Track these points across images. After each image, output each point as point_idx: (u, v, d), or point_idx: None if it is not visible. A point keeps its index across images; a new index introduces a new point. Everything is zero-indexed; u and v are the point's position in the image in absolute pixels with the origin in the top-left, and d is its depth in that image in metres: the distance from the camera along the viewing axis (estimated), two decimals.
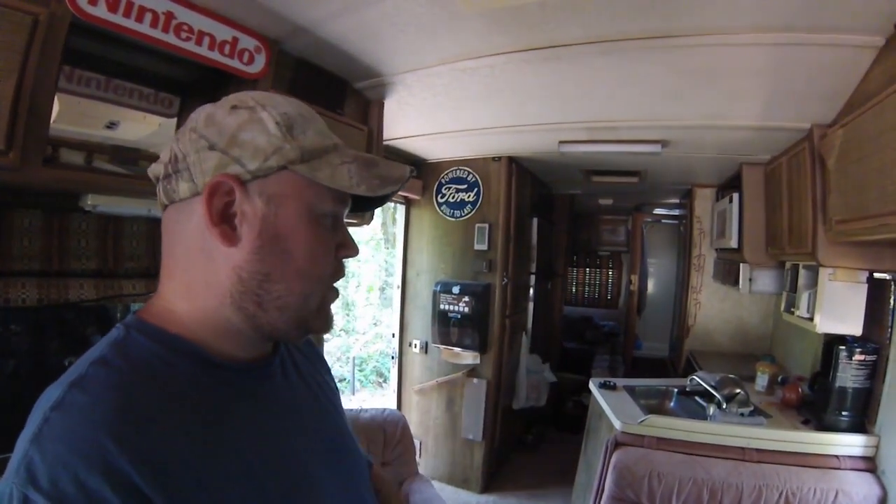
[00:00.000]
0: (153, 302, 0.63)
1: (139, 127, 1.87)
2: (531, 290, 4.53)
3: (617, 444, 2.30)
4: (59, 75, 1.32)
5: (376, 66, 2.18)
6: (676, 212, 5.73)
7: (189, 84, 1.91)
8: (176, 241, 0.63)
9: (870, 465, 2.07)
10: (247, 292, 0.60)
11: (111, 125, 1.78)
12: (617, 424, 2.35)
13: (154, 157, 1.84)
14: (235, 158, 0.58)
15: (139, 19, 1.43)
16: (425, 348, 3.86)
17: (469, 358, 3.65)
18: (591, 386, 2.86)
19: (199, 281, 0.61)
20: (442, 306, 3.66)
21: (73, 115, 1.62)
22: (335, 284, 0.67)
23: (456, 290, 3.61)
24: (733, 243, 3.15)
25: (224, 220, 0.59)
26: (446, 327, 3.65)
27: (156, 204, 1.58)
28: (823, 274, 2.17)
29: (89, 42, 1.47)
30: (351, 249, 0.67)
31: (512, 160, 3.64)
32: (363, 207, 0.72)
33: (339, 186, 0.61)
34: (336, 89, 2.28)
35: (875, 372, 2.11)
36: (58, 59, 1.27)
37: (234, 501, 0.55)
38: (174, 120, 1.93)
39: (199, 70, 1.77)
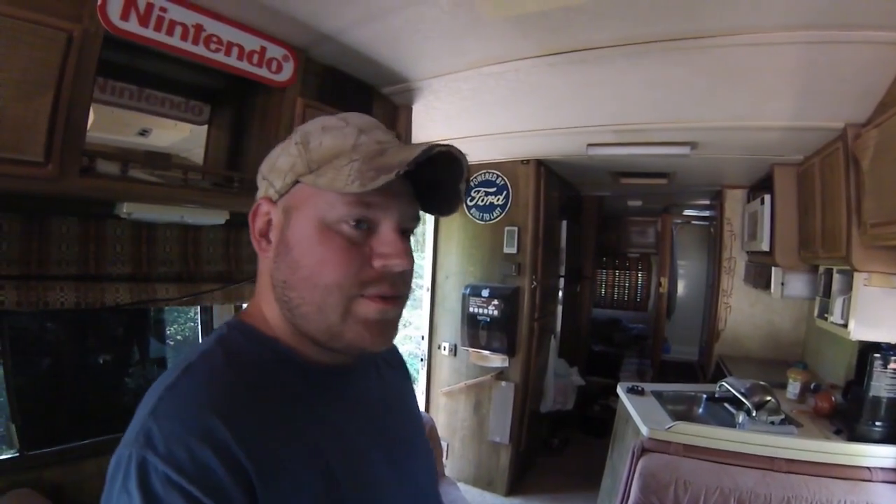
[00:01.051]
0: (251, 304, 0.72)
1: (170, 133, 1.94)
2: (559, 293, 4.50)
3: (643, 451, 2.27)
4: (94, 87, 1.38)
5: (402, 71, 2.21)
6: (706, 213, 5.60)
7: (219, 92, 1.97)
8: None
9: None
10: (279, 299, 0.66)
11: (143, 132, 1.85)
12: (644, 430, 2.32)
13: (186, 162, 1.92)
14: (270, 183, 0.67)
15: (170, 32, 1.48)
16: (454, 351, 3.87)
17: (497, 361, 3.64)
18: (619, 391, 2.83)
19: (264, 288, 0.69)
20: (471, 309, 3.66)
21: (107, 124, 1.69)
22: (386, 295, 0.64)
23: (485, 293, 3.61)
24: (765, 246, 3.08)
25: (263, 235, 0.68)
26: (475, 330, 3.65)
27: (189, 212, 1.65)
28: (858, 279, 2.11)
29: (122, 54, 1.54)
30: (388, 259, 0.63)
31: (540, 163, 3.62)
32: (445, 206, 0.70)
33: (335, 188, 0.61)
34: (363, 95, 2.31)
35: None
36: (92, 73, 1.33)
37: (307, 486, 0.59)
38: (205, 127, 1.99)
39: (228, 78, 1.83)
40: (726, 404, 2.55)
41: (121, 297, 1.60)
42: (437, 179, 0.66)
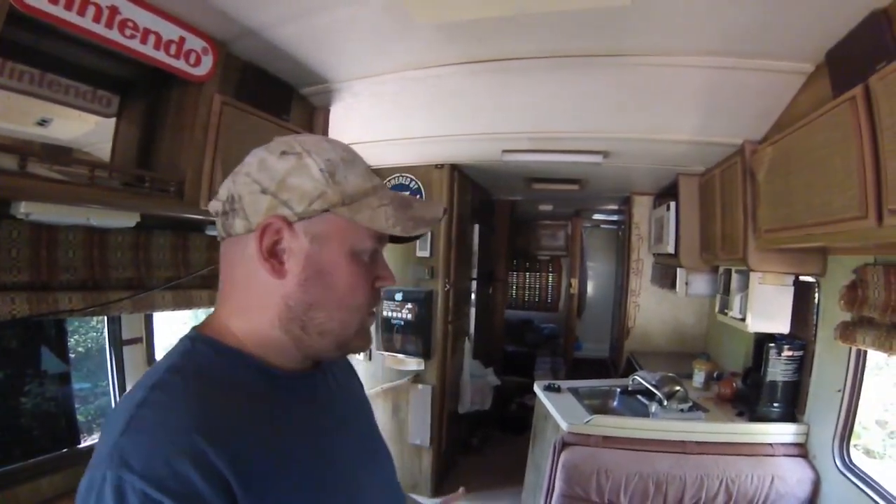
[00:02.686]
0: (211, 319, 0.72)
1: (73, 125, 1.76)
2: (472, 296, 4.56)
3: (564, 445, 2.36)
4: None
5: (324, 72, 2.16)
6: (614, 217, 5.92)
7: (130, 83, 1.80)
8: (233, 270, 0.71)
9: (801, 451, 2.25)
10: (294, 318, 0.68)
11: (43, 122, 1.66)
12: (563, 425, 2.41)
13: (89, 158, 1.74)
14: (284, 202, 0.66)
15: (81, 12, 1.34)
16: (369, 355, 3.79)
17: (413, 364, 3.63)
18: (536, 389, 2.92)
19: (252, 305, 0.69)
20: (385, 313, 3.63)
21: (0, 111, 1.49)
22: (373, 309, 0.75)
23: (398, 296, 3.60)
24: (670, 249, 3.30)
25: (273, 256, 0.67)
26: (390, 334, 3.63)
27: (95, 213, 1.50)
28: (754, 278, 2.33)
29: (25, 33, 1.36)
30: (387, 280, 0.74)
31: (454, 167, 3.64)
32: (398, 241, 0.77)
33: (378, 228, 0.68)
34: (282, 95, 2.22)
35: (802, 366, 2.31)
36: None
37: (292, 489, 0.62)
38: (112, 120, 1.82)
39: (141, 68, 1.68)
40: (639, 396, 2.70)
41: (17, 309, 1.40)
42: None
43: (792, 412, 2.34)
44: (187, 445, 0.54)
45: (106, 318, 1.90)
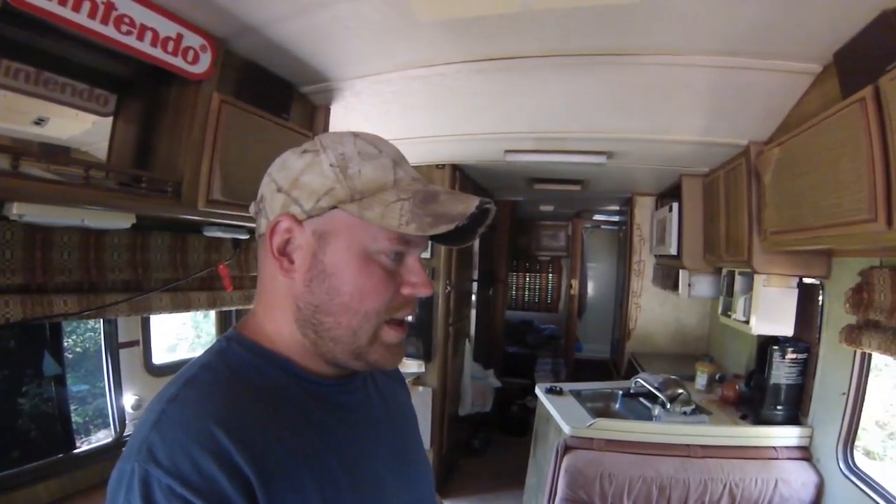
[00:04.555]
0: (249, 318, 0.72)
1: (70, 124, 1.72)
2: (473, 297, 4.55)
3: (567, 448, 2.34)
4: None
5: (325, 70, 2.12)
6: (615, 218, 5.91)
7: (127, 81, 1.77)
8: (261, 270, 0.72)
9: (805, 454, 2.23)
10: (305, 321, 0.67)
11: (39, 121, 1.63)
12: (566, 429, 2.39)
13: (87, 158, 1.71)
14: (294, 199, 0.65)
15: (76, 8, 1.30)
16: None
17: (414, 366, 3.61)
18: (538, 391, 2.89)
19: (274, 305, 0.69)
20: None
21: None
22: (405, 319, 0.70)
23: None
24: (672, 250, 3.28)
25: (284, 254, 0.67)
26: None
27: (90, 214, 1.47)
28: (758, 280, 2.31)
29: (19, 30, 1.33)
30: (417, 288, 0.68)
31: (456, 168, 3.61)
32: (458, 239, 0.72)
33: (387, 226, 0.62)
34: (282, 93, 2.19)
35: (806, 368, 2.29)
36: None
37: (312, 491, 0.61)
38: (110, 119, 1.79)
39: (139, 66, 1.65)
40: (642, 399, 2.69)
41: (11, 313, 1.37)
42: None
43: (796, 415, 2.33)
44: (212, 442, 0.55)
45: (102, 320, 1.87)
